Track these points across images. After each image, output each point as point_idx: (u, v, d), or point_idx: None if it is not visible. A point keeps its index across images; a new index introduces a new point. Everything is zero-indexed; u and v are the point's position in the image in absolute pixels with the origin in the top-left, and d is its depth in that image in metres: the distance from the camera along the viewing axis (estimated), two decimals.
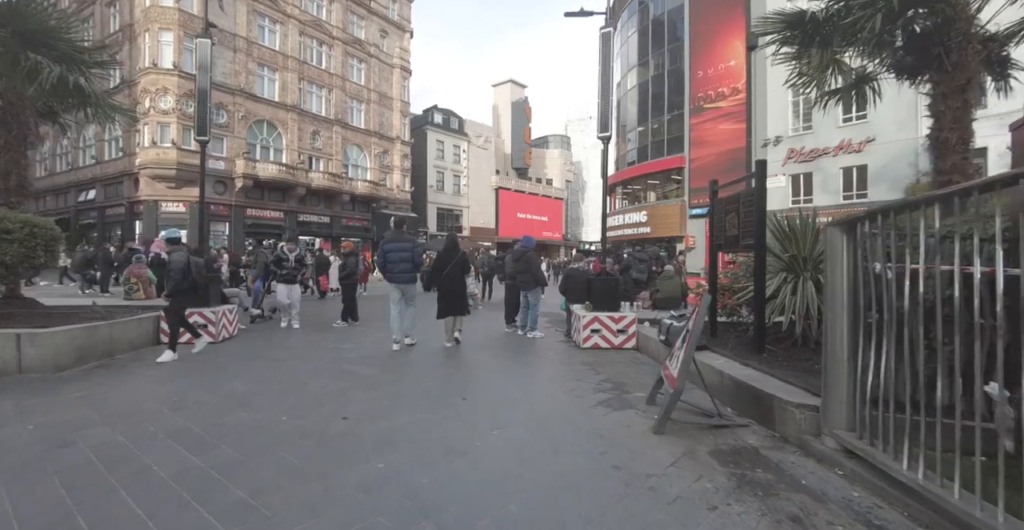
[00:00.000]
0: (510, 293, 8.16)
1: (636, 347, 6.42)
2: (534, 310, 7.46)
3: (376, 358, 5.81)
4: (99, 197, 27.52)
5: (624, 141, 29.67)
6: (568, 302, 7.33)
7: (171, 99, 23.58)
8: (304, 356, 5.96)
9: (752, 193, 4.66)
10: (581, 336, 6.41)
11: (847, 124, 18.28)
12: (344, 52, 32.46)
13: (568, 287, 7.22)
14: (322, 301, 14.07)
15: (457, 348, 6.52)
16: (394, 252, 6.38)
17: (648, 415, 3.69)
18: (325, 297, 15.27)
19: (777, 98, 20.43)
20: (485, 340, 7.21)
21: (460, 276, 6.67)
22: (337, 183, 30.33)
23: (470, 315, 7.33)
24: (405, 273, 6.41)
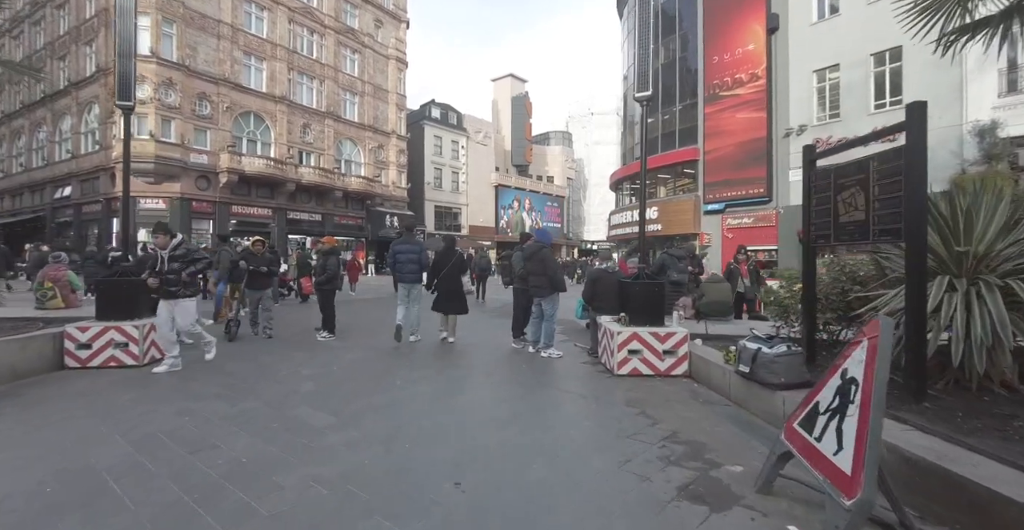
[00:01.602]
0: (519, 300, 6.64)
1: (688, 374, 4.87)
2: (550, 323, 5.92)
3: (340, 395, 4.25)
4: (75, 194, 25.94)
5: (631, 134, 28.13)
6: (594, 312, 5.78)
7: (148, 88, 21.96)
8: (242, 389, 4.40)
9: (899, 153, 3.12)
10: (615, 359, 4.87)
11: (880, 110, 16.75)
12: (336, 42, 30.92)
13: (595, 293, 5.69)
14: (304, 305, 12.56)
15: (455, 379, 4.97)
16: (404, 253, 6.80)
17: (775, 521, 2.15)
18: (307, 301, 13.73)
19: (801, 83, 18.92)
20: (489, 362, 5.69)
21: (457, 276, 6.90)
22: (329, 179, 28.77)
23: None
24: (413, 273, 6.82)
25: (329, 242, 7.73)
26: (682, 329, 4.98)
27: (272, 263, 7.02)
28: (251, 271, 6.86)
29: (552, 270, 5.79)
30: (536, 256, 5.90)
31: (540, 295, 5.91)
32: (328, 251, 7.56)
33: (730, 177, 20.87)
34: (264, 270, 6.90)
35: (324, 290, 7.29)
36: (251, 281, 6.98)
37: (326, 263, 7.26)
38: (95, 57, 24.66)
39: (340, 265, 8.63)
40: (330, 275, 7.28)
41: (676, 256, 7.08)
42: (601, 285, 5.58)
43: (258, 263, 6.96)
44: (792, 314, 4.66)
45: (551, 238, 6.14)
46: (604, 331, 5.27)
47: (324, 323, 7.26)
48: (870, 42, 16.88)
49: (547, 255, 5.88)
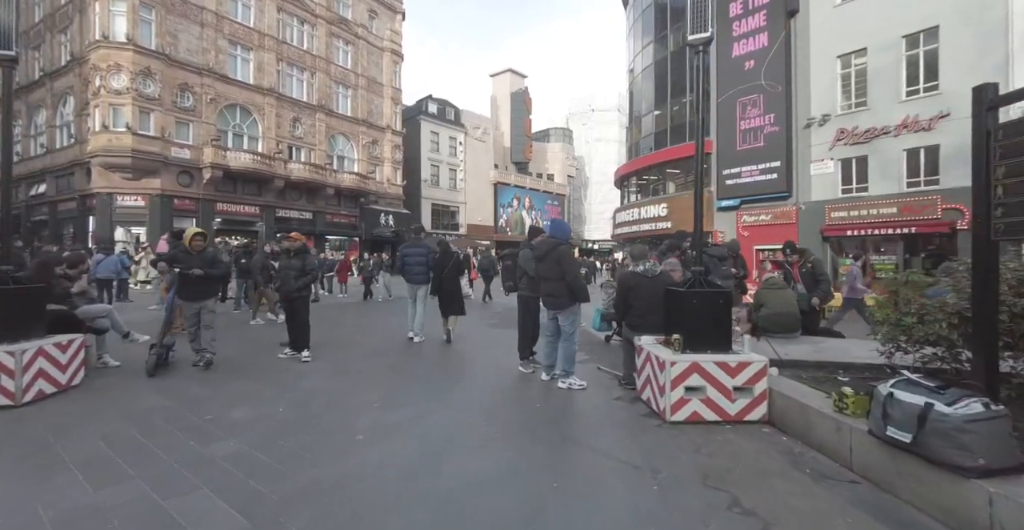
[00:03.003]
0: (527, 309, 5.30)
1: (768, 419, 3.53)
2: (569, 343, 4.57)
3: (274, 459, 2.89)
4: (50, 191, 24.53)
5: (637, 128, 26.80)
6: (629, 330, 4.42)
7: (125, 77, 20.58)
8: (128, 453, 3.00)
9: None
10: (667, 400, 3.52)
11: (913, 97, 15.42)
12: (328, 32, 29.53)
13: (630, 306, 4.32)
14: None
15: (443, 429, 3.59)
16: (411, 256, 7.06)
17: None
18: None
19: (823, 70, 17.59)
20: (491, 396, 4.32)
21: (455, 278, 7.09)
22: (320, 175, 27.38)
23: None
24: (420, 275, 7.08)
25: (299, 238, 6.29)
26: (759, 357, 3.62)
27: (212, 263, 5.35)
28: (181, 274, 5.26)
29: (572, 274, 4.45)
30: (550, 256, 4.55)
31: (556, 307, 4.57)
32: (300, 250, 6.12)
33: (745, 171, 19.54)
34: (197, 273, 5.18)
35: (298, 298, 5.91)
36: (183, 288, 5.33)
37: (304, 265, 5.86)
38: (69, 45, 23.25)
39: (320, 267, 7.30)
40: (310, 279, 6.00)
41: (716, 256, 5.73)
42: (639, 295, 4.23)
43: (190, 264, 5.23)
44: (912, 336, 3.30)
45: (569, 232, 4.79)
46: (648, 358, 3.92)
47: (295, 340, 5.91)
48: (902, 23, 15.57)
49: (565, 254, 4.53)
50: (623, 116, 63.36)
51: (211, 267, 5.32)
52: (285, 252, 6.08)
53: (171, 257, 5.45)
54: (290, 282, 5.83)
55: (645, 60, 25.27)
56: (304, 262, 5.86)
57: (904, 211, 15.41)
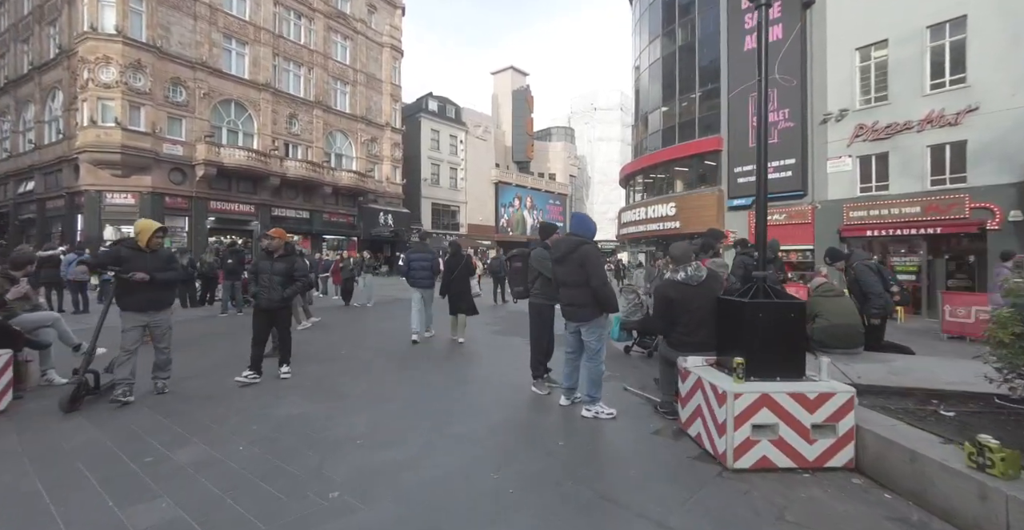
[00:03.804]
0: (539, 322, 4.54)
1: (855, 465, 2.77)
2: (596, 363, 3.79)
3: (225, 518, 2.14)
4: (38, 188, 23.80)
5: (643, 126, 26.03)
6: (671, 348, 3.64)
7: (114, 70, 19.84)
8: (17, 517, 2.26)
9: None
10: (729, 440, 2.76)
11: (938, 91, 14.65)
12: (326, 27, 28.80)
13: (674, 320, 3.52)
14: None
15: (440, 484, 2.85)
16: (417, 261, 7.21)
17: None
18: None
19: (841, 63, 16.83)
20: (501, 428, 3.51)
21: (465, 279, 7.25)
22: (318, 173, 26.63)
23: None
24: (426, 279, 7.20)
25: (281, 236, 5.22)
26: (843, 385, 2.86)
27: (164, 266, 4.23)
28: (117, 278, 4.09)
29: (599, 279, 3.66)
30: (572, 257, 3.77)
31: (579, 318, 3.80)
32: (287, 251, 5.13)
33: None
34: (138, 279, 3.99)
35: (282, 309, 4.97)
36: (126, 295, 4.12)
37: (292, 269, 4.93)
38: (58, 37, 22.52)
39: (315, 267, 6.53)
40: (301, 287, 5.12)
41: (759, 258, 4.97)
42: (685, 308, 3.47)
43: (138, 265, 4.06)
44: None
45: (595, 229, 4.01)
46: (699, 386, 3.15)
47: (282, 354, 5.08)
48: (926, 13, 14.81)
49: (590, 255, 3.73)
50: (626, 115, 62.65)
51: (164, 270, 4.22)
52: (267, 254, 5.01)
53: (114, 256, 4.15)
54: (274, 291, 4.80)
55: (652, 55, 24.52)
56: (292, 266, 4.93)
57: (928, 210, 14.65)
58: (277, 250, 5.01)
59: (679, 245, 3.76)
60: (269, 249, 5.04)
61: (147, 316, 4.22)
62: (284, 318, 5.07)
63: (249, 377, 4.73)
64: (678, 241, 3.81)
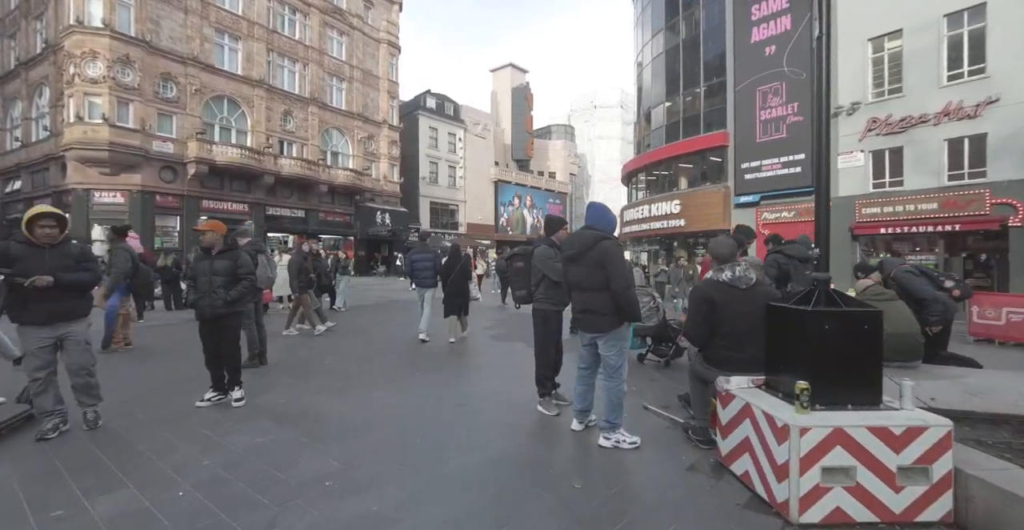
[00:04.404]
0: (544, 330, 3.95)
1: (953, 518, 2.18)
2: (616, 382, 3.17)
3: None
4: (25, 187, 23.21)
5: (645, 122, 25.42)
6: (709, 364, 3.02)
7: (101, 65, 19.23)
8: None
9: None
10: (795, 487, 2.17)
11: (955, 82, 14.06)
12: (322, 22, 28.19)
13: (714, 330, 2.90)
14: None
15: None
16: (419, 261, 7.41)
17: None
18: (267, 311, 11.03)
19: (852, 54, 16.24)
20: (504, 466, 2.88)
21: (463, 280, 7.43)
22: (313, 171, 26.04)
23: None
24: (428, 279, 7.40)
25: (217, 228, 4.19)
26: (936, 417, 2.26)
27: (72, 265, 3.31)
28: (10, 284, 3.14)
29: (622, 282, 3.02)
30: (589, 255, 3.15)
31: (595, 328, 3.19)
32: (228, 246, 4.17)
33: (766, 164, 18.18)
34: (41, 284, 3.11)
35: (228, 316, 4.05)
36: (21, 306, 3.19)
37: (235, 268, 4.05)
38: (44, 32, 21.90)
39: (272, 268, 5.91)
40: (246, 289, 4.13)
41: (796, 257, 4.38)
42: (727, 315, 2.83)
43: (33, 266, 3.15)
44: None
45: (615, 223, 3.41)
46: (748, 415, 2.55)
47: (222, 376, 4.15)
48: (943, 1, 14.24)
49: (611, 253, 3.10)
50: (626, 113, 62.06)
51: (73, 269, 3.29)
52: (204, 251, 4.12)
53: (2, 253, 3.17)
54: (215, 295, 3.91)
55: (655, 49, 23.91)
56: (235, 263, 4.08)
57: (946, 206, 14.07)
58: (215, 246, 4.11)
59: (722, 240, 3.16)
60: (205, 245, 4.12)
61: (55, 330, 3.29)
62: (231, 328, 4.13)
63: (214, 399, 4.07)
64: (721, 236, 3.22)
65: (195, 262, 4.12)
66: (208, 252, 4.10)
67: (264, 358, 5.62)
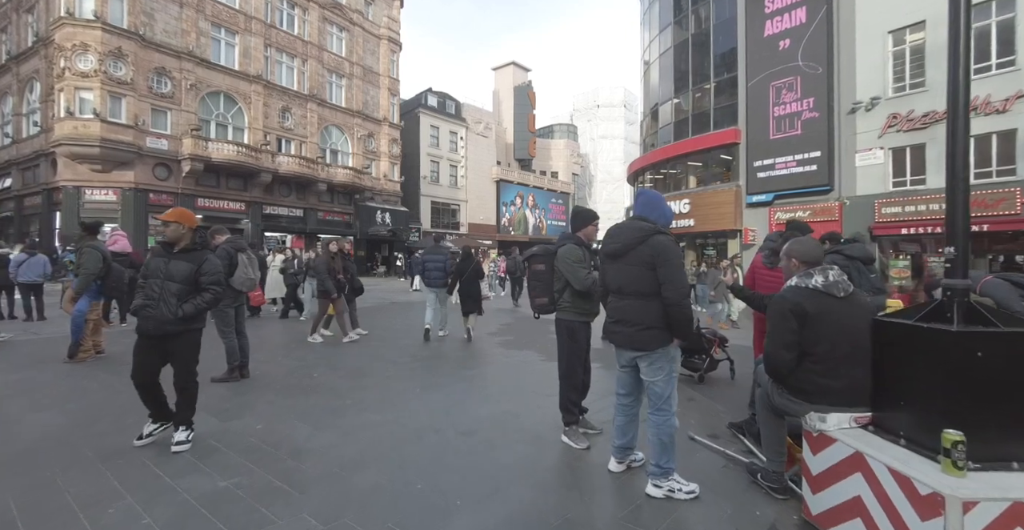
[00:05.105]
0: (570, 346, 3.30)
1: None
2: (666, 415, 2.53)
3: None
4: (16, 184, 22.59)
5: (652, 119, 24.78)
6: (793, 396, 2.34)
7: (92, 58, 18.62)
8: None
9: None
10: None
11: (983, 75, 13.42)
12: (321, 17, 27.58)
13: (805, 351, 2.25)
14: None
15: None
16: (431, 261, 7.59)
17: None
18: (258, 314, 10.38)
19: (872, 48, 15.60)
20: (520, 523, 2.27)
21: (475, 281, 7.64)
22: (312, 169, 25.42)
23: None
24: (439, 279, 7.54)
25: (184, 219, 3.29)
26: None
27: None
28: None
29: (678, 288, 2.42)
30: (639, 251, 2.53)
31: (636, 345, 2.53)
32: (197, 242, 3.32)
33: (780, 162, 17.53)
34: None
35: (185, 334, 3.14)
36: None
37: (198, 272, 3.18)
38: (36, 25, 21.31)
39: (255, 268, 5.25)
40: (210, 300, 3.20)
41: (858, 258, 3.73)
42: (823, 332, 2.17)
43: None
44: None
45: (671, 215, 2.75)
46: (861, 465, 1.90)
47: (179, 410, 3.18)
48: None
49: (665, 250, 2.47)
50: (630, 112, 61.47)
51: None
52: (164, 247, 3.26)
53: None
54: (166, 306, 3.04)
55: (663, 44, 23.28)
56: (198, 267, 3.19)
57: (973, 206, 13.31)
58: (178, 241, 3.24)
59: (807, 239, 2.53)
60: (168, 239, 3.24)
61: None
62: (183, 351, 3.15)
63: (156, 432, 3.19)
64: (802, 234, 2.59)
65: (150, 260, 3.28)
66: (169, 249, 3.25)
67: (246, 371, 4.98)
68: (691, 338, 2.56)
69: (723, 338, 5.13)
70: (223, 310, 4.85)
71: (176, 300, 3.09)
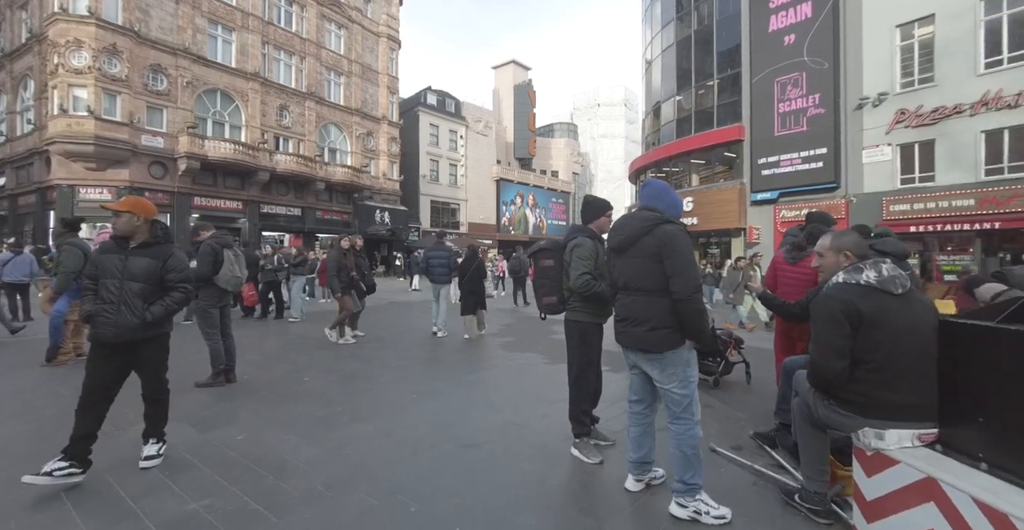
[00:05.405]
0: (581, 348, 3.02)
1: None
2: (688, 424, 2.26)
3: None
4: (10, 183, 22.29)
5: (654, 117, 24.50)
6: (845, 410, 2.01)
7: (86, 55, 18.31)
8: None
9: None
10: None
11: (994, 69, 13.14)
12: (319, 14, 27.27)
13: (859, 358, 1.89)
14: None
15: None
16: (435, 258, 7.70)
17: None
18: (252, 315, 10.09)
19: (879, 42, 15.32)
20: None
21: (478, 280, 7.70)
22: (310, 168, 25.11)
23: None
24: (443, 276, 7.67)
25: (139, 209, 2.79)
26: None
27: None
28: None
29: (687, 281, 2.17)
30: (642, 244, 2.29)
31: (646, 346, 2.28)
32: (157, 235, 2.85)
33: (785, 159, 17.24)
34: None
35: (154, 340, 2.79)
36: None
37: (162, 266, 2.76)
38: (29, 21, 21.01)
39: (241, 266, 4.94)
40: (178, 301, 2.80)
41: (893, 253, 3.44)
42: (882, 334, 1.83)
43: None
44: None
45: (681, 206, 2.48)
46: (935, 493, 1.61)
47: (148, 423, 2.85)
48: None
49: (676, 240, 2.23)
50: (630, 111, 61.20)
51: None
52: (116, 243, 2.78)
53: None
54: (128, 310, 2.64)
55: (665, 41, 22.99)
56: (165, 263, 2.77)
57: (984, 203, 13.12)
58: (133, 235, 2.76)
59: (845, 231, 2.24)
60: (120, 233, 2.76)
61: None
62: (152, 360, 2.82)
63: (56, 474, 2.44)
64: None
65: (101, 257, 2.77)
66: (124, 244, 2.77)
67: (232, 375, 4.69)
68: (705, 338, 2.25)
69: (739, 339, 4.84)
70: (207, 310, 4.56)
71: (142, 302, 2.69)
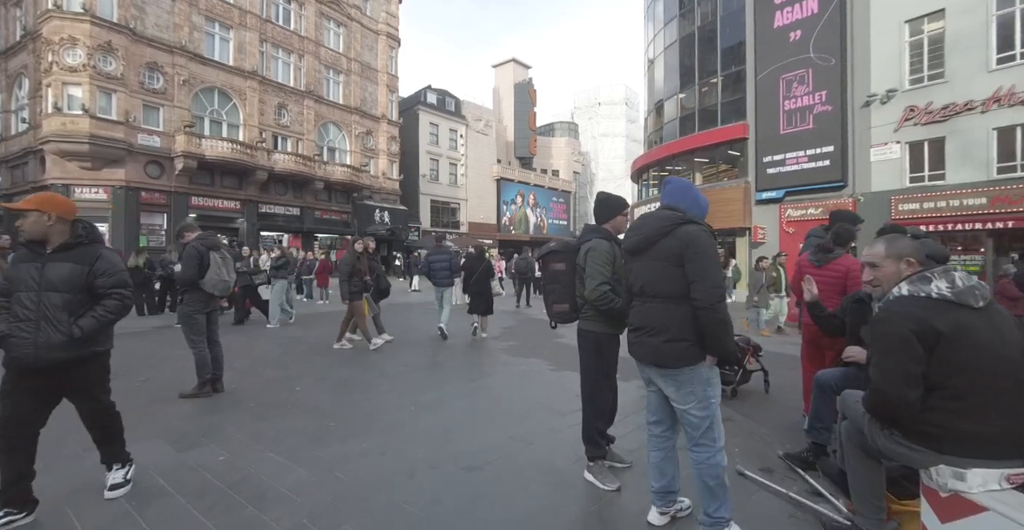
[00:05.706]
0: (597, 361, 2.75)
1: None
2: (710, 450, 2.01)
3: None
4: (5, 183, 22.03)
5: (657, 115, 24.20)
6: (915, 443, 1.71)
7: (81, 52, 18.06)
8: None
9: None
10: None
11: (1007, 65, 12.84)
12: (318, 12, 27.00)
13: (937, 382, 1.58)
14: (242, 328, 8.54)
15: None
16: (437, 261, 7.72)
17: None
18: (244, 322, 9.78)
19: (888, 38, 15.01)
20: None
21: (486, 280, 7.68)
22: (309, 167, 24.84)
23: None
24: (445, 278, 7.72)
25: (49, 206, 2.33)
26: None
27: None
28: None
29: (712, 288, 1.92)
30: (661, 246, 2.05)
31: (658, 361, 2.04)
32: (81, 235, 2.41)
33: (790, 158, 16.95)
34: None
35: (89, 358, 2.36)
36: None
37: (89, 272, 2.33)
38: (24, 19, 20.75)
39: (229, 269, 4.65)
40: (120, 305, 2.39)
41: (935, 257, 3.16)
42: (965, 354, 1.53)
43: None
44: None
45: (706, 206, 2.21)
46: None
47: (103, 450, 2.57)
48: None
49: (698, 242, 1.99)
50: (631, 110, 60.87)
51: None
52: (30, 249, 2.34)
53: None
54: (53, 326, 2.22)
55: (668, 39, 22.70)
56: (92, 268, 2.34)
57: (996, 202, 12.83)
58: (46, 238, 2.33)
59: (896, 237, 1.97)
60: (29, 237, 2.32)
61: None
62: (91, 380, 2.44)
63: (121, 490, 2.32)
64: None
65: (14, 267, 2.35)
66: (39, 249, 2.33)
67: (219, 384, 4.41)
68: (729, 353, 1.99)
69: (757, 346, 4.56)
70: (193, 316, 4.28)
71: (67, 315, 2.26)
